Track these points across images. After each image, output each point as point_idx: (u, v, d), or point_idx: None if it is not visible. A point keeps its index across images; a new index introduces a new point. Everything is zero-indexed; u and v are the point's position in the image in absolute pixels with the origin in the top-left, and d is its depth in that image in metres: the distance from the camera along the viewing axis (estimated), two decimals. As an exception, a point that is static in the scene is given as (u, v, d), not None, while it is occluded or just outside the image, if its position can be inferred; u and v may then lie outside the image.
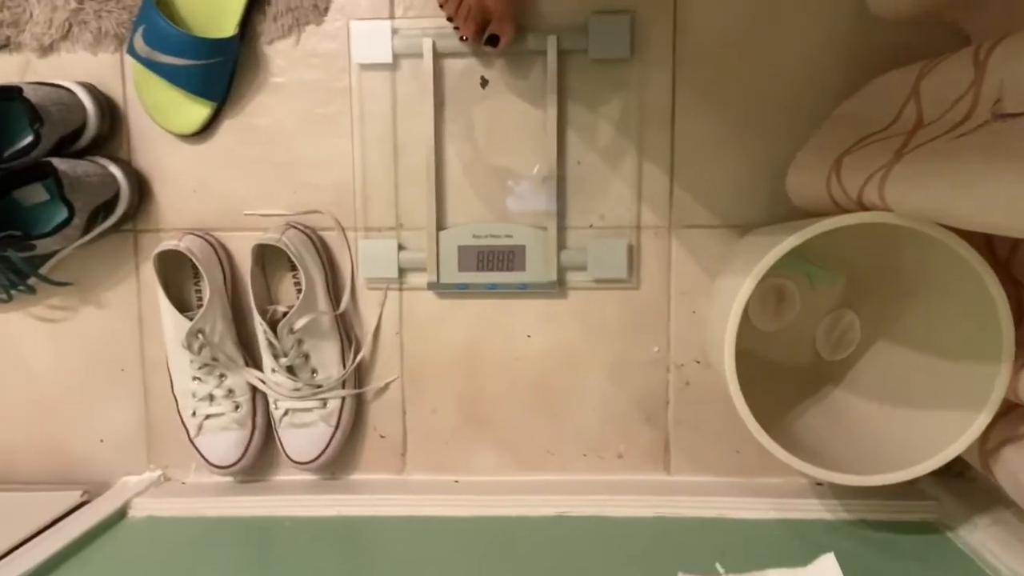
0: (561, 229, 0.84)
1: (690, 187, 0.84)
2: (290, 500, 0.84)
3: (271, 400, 0.84)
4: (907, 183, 0.54)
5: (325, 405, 0.84)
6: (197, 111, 0.83)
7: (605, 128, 0.84)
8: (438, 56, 0.83)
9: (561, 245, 0.84)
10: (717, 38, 0.82)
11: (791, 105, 0.81)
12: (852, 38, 0.80)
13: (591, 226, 0.85)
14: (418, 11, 0.83)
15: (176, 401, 0.85)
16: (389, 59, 0.83)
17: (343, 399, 0.85)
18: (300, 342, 0.82)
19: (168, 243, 0.81)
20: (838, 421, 0.78)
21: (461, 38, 0.79)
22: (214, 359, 0.82)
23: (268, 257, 0.85)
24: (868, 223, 0.59)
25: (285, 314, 0.81)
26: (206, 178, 0.86)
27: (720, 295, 0.76)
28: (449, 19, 0.79)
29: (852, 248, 0.77)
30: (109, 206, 0.82)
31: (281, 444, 0.85)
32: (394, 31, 0.83)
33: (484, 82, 0.84)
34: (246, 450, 0.84)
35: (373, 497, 0.85)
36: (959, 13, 0.73)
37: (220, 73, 0.82)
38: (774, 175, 0.82)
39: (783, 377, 0.82)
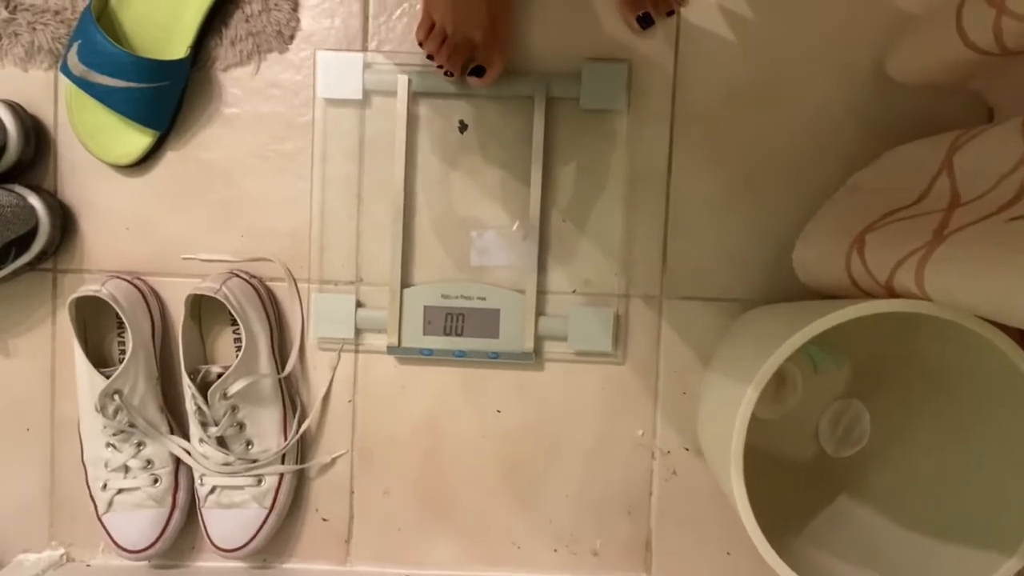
0: (541, 293, 0.75)
1: (685, 254, 0.76)
2: (212, 591, 0.73)
3: (196, 475, 0.73)
4: (954, 271, 0.46)
5: (260, 483, 0.72)
6: (136, 140, 0.73)
7: (594, 184, 0.75)
8: (414, 95, 0.75)
9: (540, 311, 0.75)
10: (721, 93, 0.75)
11: (799, 170, 0.74)
12: (867, 101, 0.73)
13: (574, 291, 0.76)
14: (394, 45, 0.75)
15: (85, 470, 0.73)
16: (359, 95, 0.75)
17: (281, 476, 0.73)
18: (234, 409, 0.71)
19: (88, 287, 0.70)
20: (845, 535, 0.69)
21: (446, 73, 0.71)
22: (131, 425, 0.70)
23: (205, 309, 0.75)
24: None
25: (221, 375, 0.70)
26: (141, 215, 0.76)
27: (717, 388, 0.67)
28: (429, 57, 0.71)
29: (860, 332, 0.69)
30: (24, 241, 0.71)
31: (204, 527, 0.73)
32: (366, 65, 0.75)
33: (463, 126, 0.76)
34: (163, 532, 0.72)
35: (310, 591, 0.73)
36: (985, 83, 0.67)
37: (165, 99, 0.73)
38: (778, 246, 0.74)
39: (784, 473, 0.73)
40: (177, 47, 0.72)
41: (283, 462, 0.74)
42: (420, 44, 0.71)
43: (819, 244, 0.65)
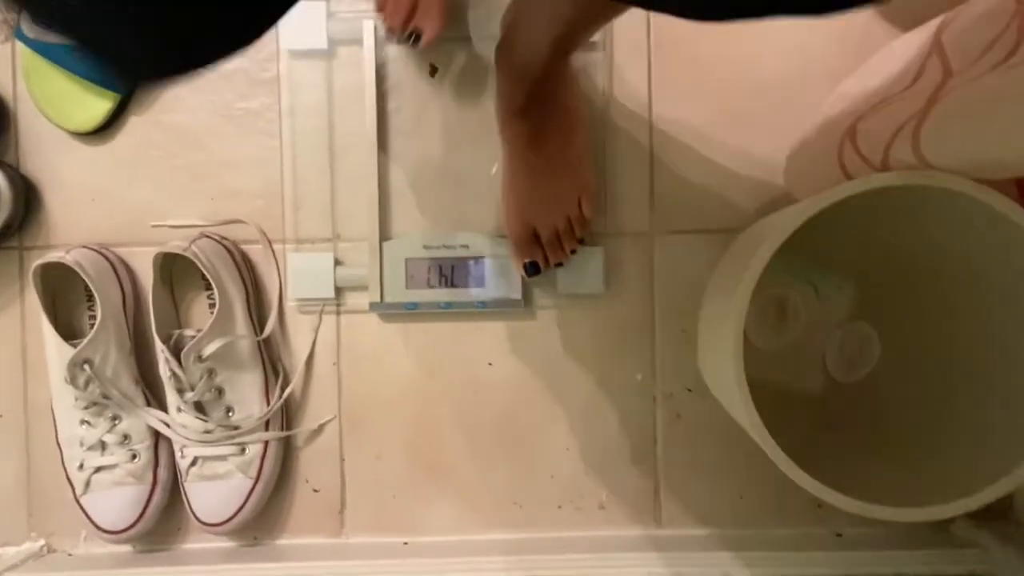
0: (525, 237, 0.72)
1: (673, 187, 0.73)
2: (201, 573, 0.68)
3: (176, 447, 0.69)
4: (952, 127, 0.43)
5: (243, 452, 0.69)
6: (97, 105, 0.71)
7: (573, 119, 0.73)
8: (381, 42, 0.73)
9: (526, 256, 0.72)
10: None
11: (784, 92, 0.72)
12: (851, 19, 0.71)
13: (560, 232, 0.73)
14: (357, -11, 0.73)
15: (60, 452, 0.70)
16: (324, 45, 0.72)
17: (266, 444, 0.70)
18: (211, 373, 0.67)
19: (53, 255, 0.67)
20: (862, 456, 0.65)
21: (388, 29, 0.69)
22: (105, 397, 0.67)
23: (177, 273, 0.72)
24: (884, 191, 0.48)
25: (195, 339, 0.67)
26: (107, 185, 0.74)
27: (712, 318, 0.64)
28: (379, 9, 0.69)
29: (859, 245, 0.66)
30: (-16, 215, 0.68)
31: (188, 502, 0.69)
32: (330, 14, 0.72)
33: (434, 70, 0.73)
34: (144, 510, 0.69)
35: (305, 565, 0.69)
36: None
37: (124, 59, 0.70)
38: (767, 170, 0.72)
39: (792, 405, 0.69)
40: (133, 5, 0.70)
41: (267, 429, 0.70)
42: None
43: (809, 151, 0.63)
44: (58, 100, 0.71)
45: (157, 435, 0.70)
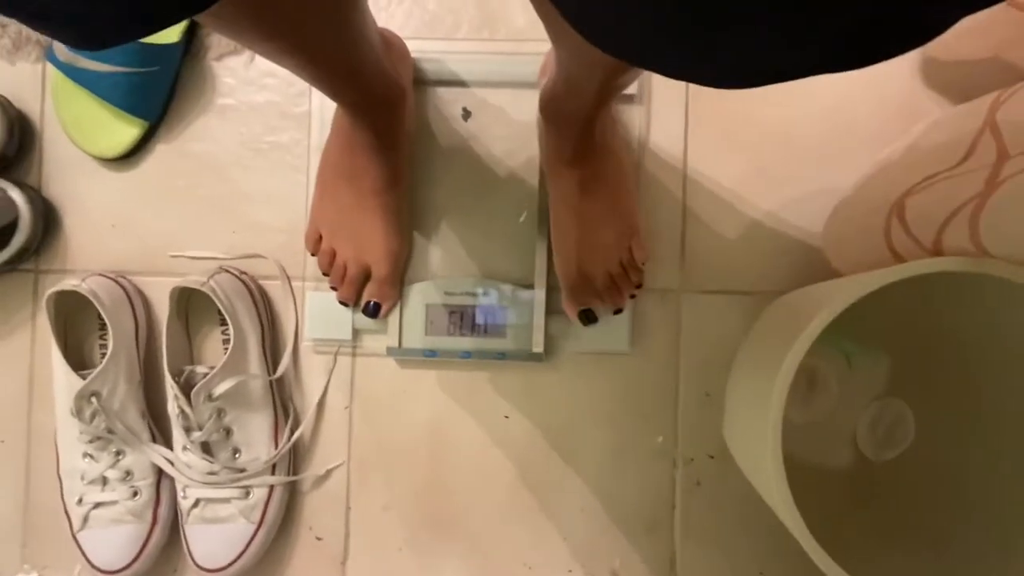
0: (551, 289, 0.70)
1: (704, 246, 0.71)
2: (194, 618, 0.66)
3: (179, 487, 0.67)
4: (1015, 215, 0.41)
5: (247, 495, 0.67)
6: (124, 131, 0.70)
7: (606, 172, 0.71)
8: (414, 82, 0.71)
9: (551, 308, 0.70)
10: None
11: (822, 154, 0.70)
12: (892, 80, 0.69)
13: (587, 286, 0.71)
14: (395, 27, 0.72)
15: (60, 484, 0.68)
16: (357, 83, 0.71)
17: (271, 488, 0.67)
18: (220, 413, 0.65)
19: (68, 282, 0.66)
20: (890, 539, 0.62)
21: (340, 302, 0.68)
22: (110, 431, 0.65)
23: (193, 306, 0.70)
24: (932, 275, 0.46)
25: (207, 376, 0.65)
26: (128, 212, 0.72)
27: (744, 387, 0.61)
28: (325, 274, 0.68)
29: (898, 321, 0.64)
30: (2, 237, 0.67)
31: (187, 544, 0.67)
32: (365, 52, 0.71)
33: (467, 114, 0.72)
34: (142, 550, 0.66)
35: (302, 617, 0.67)
36: (1020, 52, 0.63)
37: (156, 87, 0.70)
38: (804, 233, 0.69)
39: (819, 480, 0.66)
40: (170, 32, 0.69)
41: (273, 473, 0.68)
42: (312, 254, 0.68)
43: (852, 219, 0.60)
44: (86, 124, 0.70)
45: (160, 472, 0.68)
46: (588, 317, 0.67)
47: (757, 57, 0.28)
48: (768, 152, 0.71)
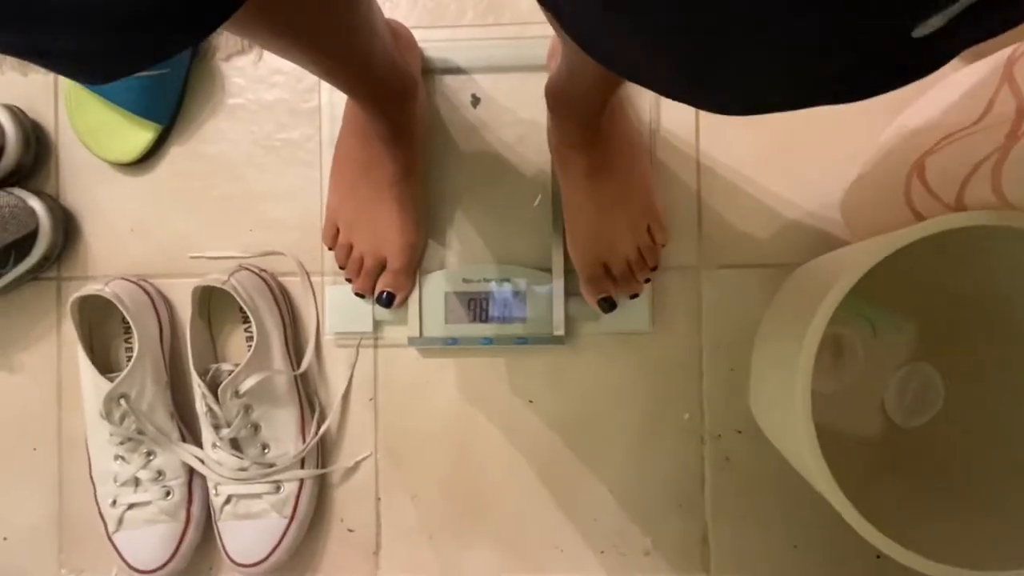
0: (569, 271, 0.70)
1: (721, 220, 0.71)
2: (232, 614, 0.67)
3: (211, 484, 0.67)
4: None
5: (278, 490, 0.67)
6: (139, 135, 0.71)
7: (619, 150, 0.71)
8: (423, 72, 0.71)
9: (569, 291, 0.70)
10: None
11: (838, 122, 0.69)
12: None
13: (605, 267, 0.71)
14: (400, 16, 0.72)
15: (94, 487, 0.69)
16: (365, 76, 0.71)
17: (301, 482, 0.68)
18: (248, 409, 0.66)
19: (91, 287, 0.66)
20: (922, 505, 0.61)
21: (356, 294, 0.69)
22: (140, 432, 0.65)
23: (215, 305, 0.71)
24: (956, 232, 0.45)
25: (232, 373, 0.65)
26: (146, 215, 0.73)
27: (769, 360, 0.61)
28: (341, 268, 0.69)
29: (922, 285, 0.63)
30: (24, 245, 0.68)
31: (221, 541, 0.67)
32: (372, 44, 0.71)
33: (475, 100, 0.72)
34: (177, 548, 0.67)
35: (337, 609, 0.67)
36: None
37: (166, 89, 0.70)
38: (821, 204, 0.69)
39: (849, 448, 0.66)
40: (176, 36, 0.70)
41: (303, 467, 0.68)
42: (330, 248, 0.69)
43: (872, 185, 0.60)
44: (100, 131, 0.71)
45: (191, 471, 0.68)
46: (608, 304, 0.67)
47: (757, 93, 0.29)
48: (781, 125, 0.70)
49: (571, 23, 0.29)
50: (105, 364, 0.69)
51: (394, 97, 0.62)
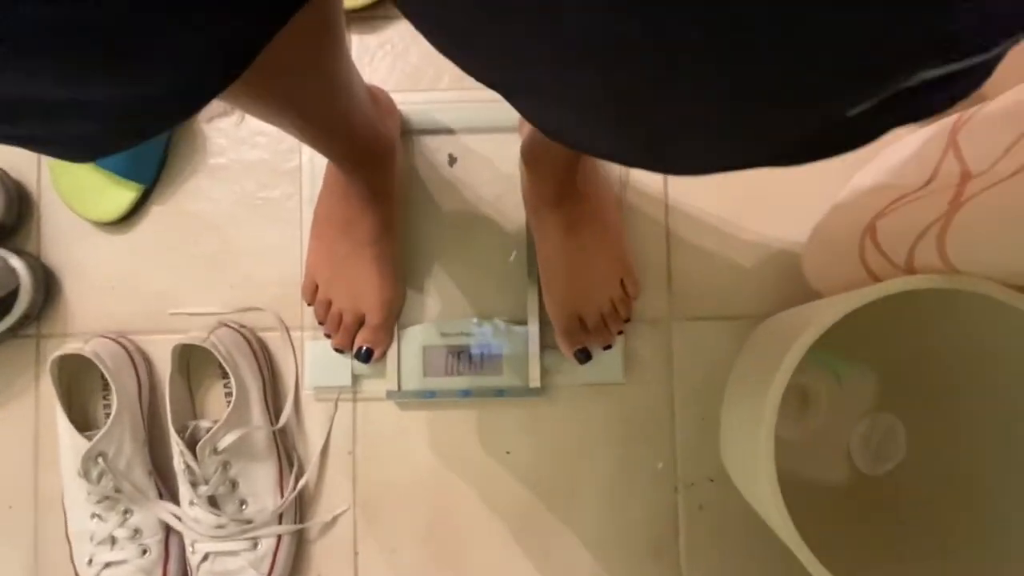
0: (544, 324, 0.72)
1: (690, 273, 0.73)
2: (208, 674, 0.66)
3: (187, 542, 0.67)
4: (978, 232, 0.43)
5: (256, 546, 0.67)
6: (122, 195, 0.72)
7: (590, 208, 0.73)
8: (402, 131, 0.74)
9: (545, 343, 0.72)
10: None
11: (800, 178, 0.72)
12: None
13: (578, 320, 0.73)
14: (378, 81, 0.75)
15: (70, 546, 0.68)
16: (345, 136, 0.74)
17: (279, 538, 0.68)
18: (226, 465, 0.66)
19: (71, 346, 0.67)
20: (888, 552, 0.63)
21: (335, 349, 0.70)
22: (117, 490, 0.66)
23: (194, 361, 0.72)
24: (910, 292, 0.48)
25: (210, 430, 0.66)
26: (127, 273, 0.74)
27: (736, 409, 0.63)
28: (320, 323, 0.71)
29: (883, 337, 0.66)
30: (4, 304, 0.69)
31: (197, 599, 0.67)
32: (351, 106, 0.74)
33: (452, 160, 0.74)
34: (153, 608, 0.67)
35: (315, 667, 0.67)
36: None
37: (149, 151, 0.72)
38: (787, 256, 0.72)
39: (816, 496, 0.68)
40: (160, 99, 0.72)
41: (280, 522, 0.69)
42: (308, 304, 0.71)
43: (829, 242, 0.63)
44: (83, 192, 0.72)
45: (168, 529, 0.68)
46: (584, 356, 0.69)
47: (704, 158, 0.31)
48: (749, 178, 0.73)
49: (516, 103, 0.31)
50: (83, 421, 0.70)
51: (373, 160, 0.64)
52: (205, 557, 0.67)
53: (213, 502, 0.67)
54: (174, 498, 0.69)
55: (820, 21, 0.20)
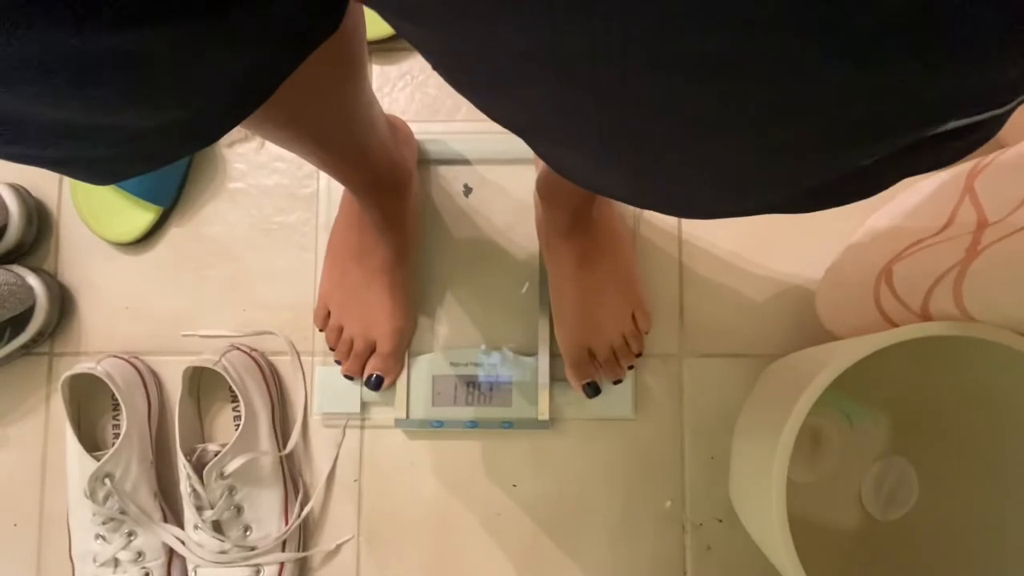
0: (554, 356, 0.72)
1: (702, 310, 0.73)
2: None
3: (190, 567, 0.67)
4: (994, 280, 0.43)
5: (258, 573, 0.67)
6: (140, 216, 0.73)
7: (604, 242, 0.73)
8: (419, 161, 0.75)
9: (554, 376, 0.71)
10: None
11: (816, 216, 0.72)
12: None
13: (589, 353, 0.72)
14: (398, 110, 0.75)
15: (73, 566, 0.68)
16: (362, 165, 0.74)
17: (281, 565, 0.68)
18: (232, 490, 0.66)
19: (83, 365, 0.67)
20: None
21: (345, 375, 0.71)
22: (122, 512, 0.65)
23: (204, 383, 0.72)
24: (925, 338, 0.48)
25: (218, 454, 0.66)
26: (142, 294, 0.74)
27: (747, 450, 0.62)
28: (331, 349, 0.71)
29: (896, 381, 0.65)
30: (19, 321, 0.69)
31: (197, 625, 0.66)
32: (369, 135, 0.75)
33: (468, 190, 0.75)
34: (152, 634, 0.66)
35: None
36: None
37: (170, 174, 0.73)
38: (800, 295, 0.71)
39: (826, 540, 0.67)
40: (182, 124, 0.73)
41: (284, 549, 0.68)
42: (320, 330, 0.71)
43: (843, 284, 0.63)
44: (102, 212, 0.73)
45: (171, 552, 0.68)
46: (593, 389, 0.69)
47: (716, 205, 0.31)
48: (762, 217, 0.74)
49: (529, 139, 0.32)
50: (91, 442, 0.70)
51: (389, 188, 0.65)
52: (207, 582, 0.66)
53: (217, 527, 0.66)
54: (178, 521, 0.69)
55: (857, 83, 0.20)
